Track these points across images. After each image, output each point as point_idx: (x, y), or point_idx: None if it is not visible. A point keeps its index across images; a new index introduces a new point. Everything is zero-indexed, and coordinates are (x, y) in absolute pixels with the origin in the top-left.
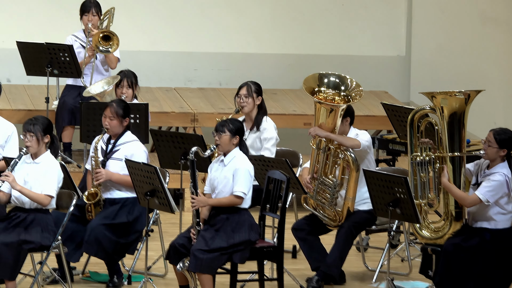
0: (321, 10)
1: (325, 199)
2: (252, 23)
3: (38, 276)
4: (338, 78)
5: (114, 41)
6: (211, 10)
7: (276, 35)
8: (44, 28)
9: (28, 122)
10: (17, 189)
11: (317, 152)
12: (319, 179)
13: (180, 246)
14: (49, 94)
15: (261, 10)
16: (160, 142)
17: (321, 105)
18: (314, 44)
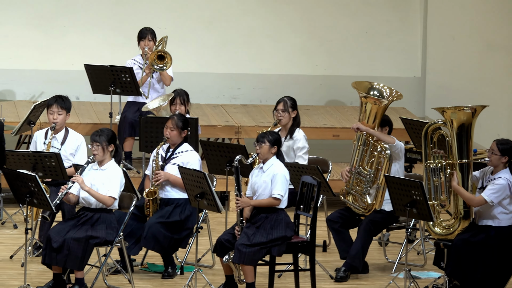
0: (347, 37)
1: (359, 189)
2: (287, 48)
3: (102, 267)
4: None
5: (168, 60)
6: (253, 37)
7: (308, 58)
8: (107, 53)
9: (94, 133)
10: (85, 190)
11: (357, 146)
12: (356, 169)
13: (225, 241)
14: (112, 110)
15: (296, 37)
16: (209, 151)
17: (366, 100)
18: (341, 66)
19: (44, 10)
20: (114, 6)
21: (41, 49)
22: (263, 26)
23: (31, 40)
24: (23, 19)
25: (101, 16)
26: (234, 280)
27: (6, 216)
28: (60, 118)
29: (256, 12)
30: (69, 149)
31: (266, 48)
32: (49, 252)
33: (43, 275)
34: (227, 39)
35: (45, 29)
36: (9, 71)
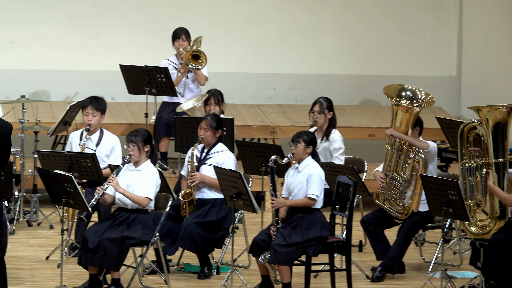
0: (383, 36)
1: (394, 194)
2: (323, 48)
3: (139, 267)
4: (412, 92)
5: (203, 59)
6: (288, 37)
7: (343, 58)
8: (142, 54)
9: (130, 134)
10: (120, 192)
11: (391, 151)
12: (391, 175)
13: (261, 241)
14: (147, 110)
15: (331, 37)
16: (244, 151)
17: (398, 108)
18: (376, 66)
19: (79, 11)
20: (149, 7)
21: (76, 50)
22: (299, 26)
23: (67, 41)
24: (59, 20)
25: (136, 17)
26: (270, 280)
27: (42, 217)
28: (94, 120)
29: (292, 11)
30: (104, 150)
31: (302, 47)
32: (85, 252)
33: (79, 276)
34: (262, 39)
35: (81, 29)
36: (44, 72)
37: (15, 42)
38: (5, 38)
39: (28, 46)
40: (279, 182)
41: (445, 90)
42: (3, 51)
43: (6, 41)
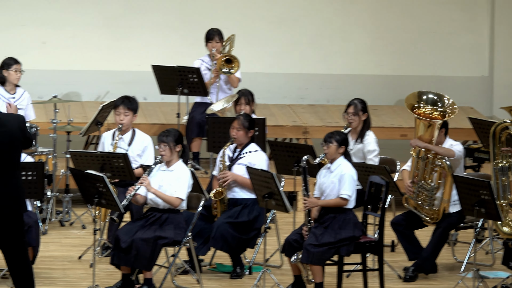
0: (415, 36)
1: (423, 200)
2: (355, 48)
3: (171, 267)
4: (436, 96)
5: (235, 64)
6: (320, 37)
7: (375, 58)
8: (174, 54)
9: (162, 134)
10: (152, 192)
11: (416, 160)
12: (418, 183)
13: (293, 241)
14: (179, 110)
15: (363, 37)
16: (276, 151)
17: (420, 121)
18: (408, 66)
19: (111, 11)
20: (181, 7)
21: (108, 50)
22: (331, 26)
23: (99, 41)
24: (91, 21)
25: (168, 17)
26: (302, 280)
27: (75, 217)
28: (126, 119)
29: (324, 11)
30: (136, 150)
31: (334, 48)
32: (118, 252)
33: (111, 276)
34: (294, 39)
35: (113, 30)
36: (76, 72)
37: (47, 42)
38: (38, 39)
39: (60, 46)
40: (311, 182)
41: (477, 90)
42: (36, 51)
43: (39, 41)
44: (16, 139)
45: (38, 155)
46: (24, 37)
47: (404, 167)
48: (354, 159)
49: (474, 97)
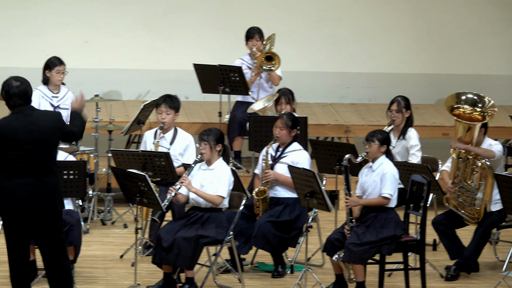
0: (457, 35)
1: (464, 201)
2: (397, 46)
3: (213, 266)
4: (477, 96)
5: (276, 61)
6: (362, 35)
7: (417, 57)
8: (216, 52)
9: (203, 133)
10: (192, 191)
11: (457, 161)
12: (459, 184)
13: (335, 240)
14: (221, 109)
15: (405, 37)
16: (318, 150)
17: (459, 123)
18: (450, 64)
19: (153, 10)
20: (223, 5)
21: (150, 49)
22: (373, 25)
23: (140, 40)
24: (132, 20)
25: (210, 16)
26: (344, 279)
27: (116, 216)
28: (168, 118)
29: (366, 10)
30: (178, 149)
31: (375, 46)
32: (159, 251)
33: (153, 275)
34: (336, 38)
35: (154, 29)
36: (118, 71)
37: (89, 41)
38: (80, 38)
39: (102, 45)
40: (353, 181)
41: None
42: (78, 50)
43: (81, 40)
44: (50, 137)
45: (80, 154)
46: (66, 37)
47: (443, 168)
48: (397, 158)
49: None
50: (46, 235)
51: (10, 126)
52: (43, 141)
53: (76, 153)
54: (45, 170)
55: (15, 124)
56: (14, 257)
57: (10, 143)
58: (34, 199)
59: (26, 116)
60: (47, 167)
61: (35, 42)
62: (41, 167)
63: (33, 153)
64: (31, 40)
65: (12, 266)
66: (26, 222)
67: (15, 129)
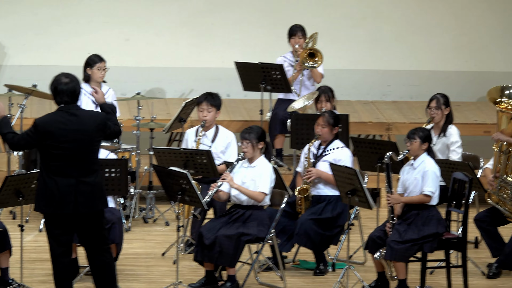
0: (498, 33)
1: (506, 195)
2: (438, 44)
3: (254, 264)
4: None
5: (319, 58)
6: (403, 33)
7: (458, 54)
8: (258, 50)
9: (244, 131)
10: (235, 187)
11: (499, 154)
12: (500, 177)
13: (377, 238)
14: (262, 107)
15: (446, 34)
16: (360, 148)
17: (502, 114)
18: (491, 62)
19: (194, 8)
20: (264, 3)
21: (191, 47)
22: (414, 22)
23: (182, 38)
24: (174, 17)
25: (251, 13)
26: (386, 277)
27: (158, 214)
28: (209, 116)
29: (407, 8)
30: (220, 147)
31: (417, 44)
32: (201, 249)
33: (195, 272)
34: (378, 36)
35: (196, 26)
36: (160, 69)
37: (131, 39)
38: (121, 36)
39: (143, 43)
40: (394, 178)
41: None
42: (119, 48)
43: (122, 38)
44: (91, 138)
45: (122, 152)
46: (107, 34)
47: (487, 165)
48: (438, 155)
49: None
50: (88, 233)
51: (52, 123)
52: (84, 141)
53: (117, 151)
54: (86, 170)
55: (57, 122)
56: (57, 254)
57: (50, 140)
58: (73, 199)
59: (70, 115)
60: (88, 167)
61: (76, 40)
62: (81, 167)
63: (72, 153)
64: (72, 38)
65: (56, 263)
66: (66, 220)
67: (57, 127)
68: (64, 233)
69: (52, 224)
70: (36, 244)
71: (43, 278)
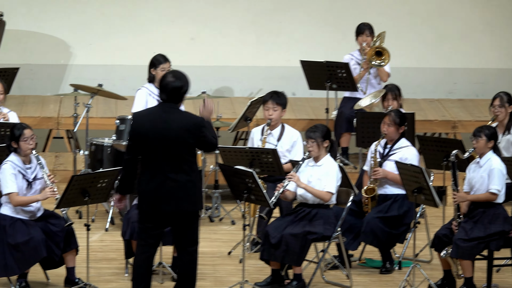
0: None
1: None
2: (504, 42)
3: (320, 262)
4: None
5: (386, 56)
6: (469, 31)
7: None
8: (323, 48)
9: (309, 129)
10: (302, 187)
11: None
12: None
13: (443, 236)
14: (328, 106)
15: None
16: (426, 146)
17: None
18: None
19: (260, 6)
20: (330, 2)
21: (257, 45)
22: (480, 20)
23: (247, 37)
24: (240, 16)
25: (317, 12)
26: (452, 275)
27: (224, 213)
28: (275, 114)
29: (473, 6)
30: (285, 145)
31: (483, 42)
32: (267, 248)
33: (261, 271)
34: (443, 33)
35: (262, 25)
36: (226, 68)
37: (196, 38)
38: (187, 35)
39: (209, 42)
40: (460, 176)
41: None
42: (185, 47)
43: (188, 37)
44: (180, 139)
45: None
46: (173, 34)
47: None
48: (504, 153)
49: None
50: (175, 231)
51: (144, 117)
52: (169, 139)
53: None
54: (175, 169)
55: (150, 117)
56: (140, 247)
57: (139, 135)
58: (159, 196)
59: (164, 113)
60: (177, 166)
61: (142, 40)
62: (169, 166)
63: (160, 150)
64: (138, 38)
65: (136, 254)
66: (157, 216)
67: (147, 121)
68: (151, 229)
69: (144, 217)
70: (102, 244)
71: (110, 277)
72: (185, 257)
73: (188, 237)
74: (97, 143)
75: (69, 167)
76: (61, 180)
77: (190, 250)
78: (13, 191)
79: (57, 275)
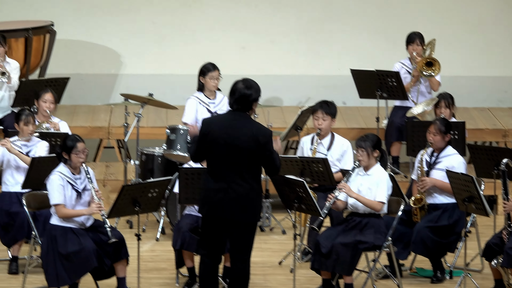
0: None
1: None
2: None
3: (371, 272)
4: None
5: (436, 67)
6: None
7: None
8: (373, 57)
9: (360, 139)
10: (353, 197)
11: None
12: None
13: (494, 245)
14: (379, 114)
15: None
16: (476, 155)
17: None
18: None
19: (311, 15)
20: (380, 10)
21: (307, 54)
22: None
23: (297, 45)
24: (290, 25)
25: (368, 20)
26: (504, 284)
27: (275, 222)
28: (325, 124)
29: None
30: (335, 155)
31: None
32: (318, 257)
33: (312, 281)
34: (494, 41)
35: (312, 34)
36: (277, 77)
37: (247, 47)
38: (237, 44)
39: (259, 51)
40: (511, 185)
41: None
42: (235, 56)
43: (238, 46)
44: (243, 145)
45: None
46: (223, 42)
47: None
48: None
49: None
50: (230, 239)
51: (212, 123)
52: (240, 148)
53: None
54: (239, 178)
55: (217, 123)
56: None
57: (205, 139)
58: (220, 203)
59: (230, 120)
60: (240, 175)
61: (192, 49)
62: (234, 173)
63: (225, 157)
64: (189, 46)
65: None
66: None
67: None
68: (211, 234)
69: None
70: (153, 253)
71: (160, 287)
72: (238, 265)
73: (243, 246)
74: (147, 152)
75: (120, 177)
76: (111, 190)
77: (243, 259)
78: (59, 202)
79: (108, 285)
